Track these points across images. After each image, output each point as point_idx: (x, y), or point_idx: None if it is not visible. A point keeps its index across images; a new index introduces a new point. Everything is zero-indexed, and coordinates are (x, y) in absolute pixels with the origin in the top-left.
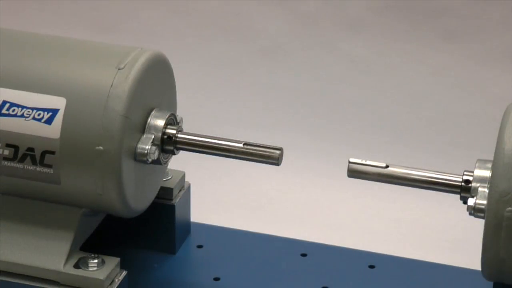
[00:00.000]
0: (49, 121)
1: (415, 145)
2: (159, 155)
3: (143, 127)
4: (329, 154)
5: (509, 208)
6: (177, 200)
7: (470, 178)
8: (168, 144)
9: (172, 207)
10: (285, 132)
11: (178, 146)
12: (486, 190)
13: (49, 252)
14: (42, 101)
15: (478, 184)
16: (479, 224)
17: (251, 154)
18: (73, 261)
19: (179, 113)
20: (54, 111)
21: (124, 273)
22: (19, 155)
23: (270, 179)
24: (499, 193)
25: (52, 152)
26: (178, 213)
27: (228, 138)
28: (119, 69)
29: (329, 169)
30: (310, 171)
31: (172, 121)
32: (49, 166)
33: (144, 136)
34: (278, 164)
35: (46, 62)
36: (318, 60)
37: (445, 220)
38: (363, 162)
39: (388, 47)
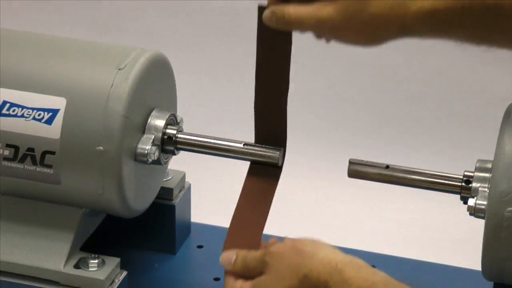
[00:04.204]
0: (49, 121)
1: (415, 145)
2: (159, 155)
3: (143, 127)
4: (329, 154)
5: (510, 208)
6: (177, 200)
7: (471, 178)
8: (168, 144)
9: (172, 207)
10: None
11: (178, 146)
12: (487, 190)
13: (49, 252)
14: (42, 101)
15: (478, 184)
16: (479, 224)
17: (251, 154)
18: (73, 261)
19: (179, 113)
20: (54, 111)
21: (124, 273)
22: (19, 155)
23: None
24: (499, 193)
25: (52, 152)
26: (178, 213)
27: (228, 138)
28: (119, 69)
29: (329, 169)
30: (310, 171)
31: (172, 121)
32: (49, 166)
33: (144, 136)
34: (278, 164)
35: (46, 62)
36: (318, 60)
37: (445, 220)
38: (363, 162)
39: (388, 47)
